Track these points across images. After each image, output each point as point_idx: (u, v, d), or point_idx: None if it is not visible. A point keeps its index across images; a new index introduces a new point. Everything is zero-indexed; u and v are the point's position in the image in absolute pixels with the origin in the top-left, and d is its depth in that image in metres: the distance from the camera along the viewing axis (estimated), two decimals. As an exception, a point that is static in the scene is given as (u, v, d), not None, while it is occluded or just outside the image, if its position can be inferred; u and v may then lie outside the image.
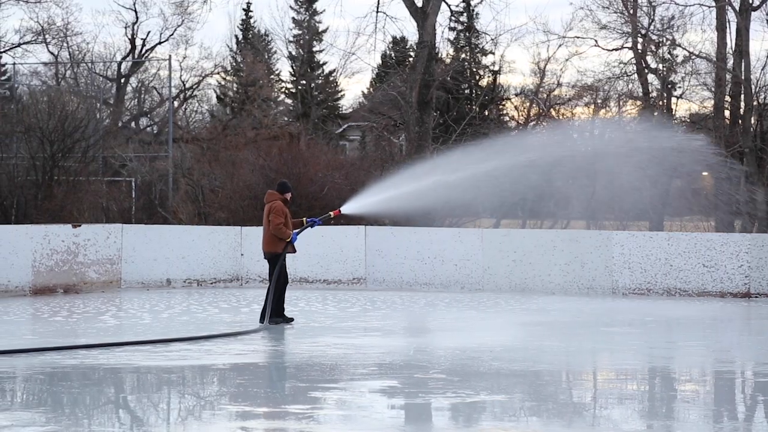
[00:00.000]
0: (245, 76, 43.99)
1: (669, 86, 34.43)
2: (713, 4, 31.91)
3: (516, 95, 41.97)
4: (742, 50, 31.01)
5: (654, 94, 34.30)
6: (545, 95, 37.37)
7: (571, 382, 12.42)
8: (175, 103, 41.07)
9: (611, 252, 21.88)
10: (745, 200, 30.63)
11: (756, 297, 21.22)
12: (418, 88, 33.25)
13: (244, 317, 17.49)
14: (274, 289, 16.44)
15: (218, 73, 46.10)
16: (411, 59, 38.61)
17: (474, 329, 16.46)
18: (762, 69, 32.31)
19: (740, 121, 31.36)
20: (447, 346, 14.47)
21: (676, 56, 35.57)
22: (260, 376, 12.76)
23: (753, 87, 31.48)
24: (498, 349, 14.23)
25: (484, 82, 48.02)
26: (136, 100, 43.74)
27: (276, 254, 16.43)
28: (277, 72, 51.48)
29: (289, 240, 16.43)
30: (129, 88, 43.13)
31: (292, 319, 16.66)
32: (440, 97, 40.39)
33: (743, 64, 31.16)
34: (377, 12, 34.92)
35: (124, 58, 43.07)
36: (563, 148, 21.11)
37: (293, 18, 51.10)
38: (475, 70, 48.76)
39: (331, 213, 17.66)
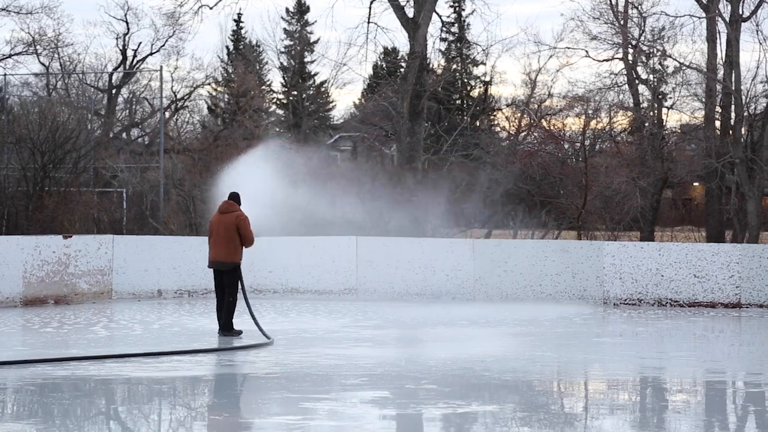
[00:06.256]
0: (236, 86, 43.99)
1: (659, 97, 34.46)
2: (703, 15, 31.99)
3: (507, 106, 42.01)
4: (732, 61, 31.08)
5: (645, 104, 34.35)
6: (536, 106, 37.40)
7: (563, 393, 12.44)
8: (167, 114, 41.06)
9: (602, 262, 21.89)
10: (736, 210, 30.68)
11: (747, 307, 21.25)
12: (409, 98, 33.27)
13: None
14: (234, 300, 16.41)
15: (209, 84, 46.13)
16: (402, 70, 38.62)
17: (465, 340, 16.46)
18: (752, 80, 32.39)
19: (731, 132, 31.40)
20: (438, 357, 14.47)
21: (667, 67, 35.64)
22: (251, 386, 12.75)
23: (743, 97, 31.53)
24: (489, 359, 14.23)
25: (475, 93, 48.12)
26: (128, 110, 43.71)
27: (237, 264, 16.35)
28: (268, 83, 51.54)
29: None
30: (120, 99, 43.11)
31: (241, 332, 16.49)
32: (431, 108, 40.44)
33: (733, 74, 31.22)
34: (369, 23, 34.94)
35: (115, 69, 43.06)
36: None
37: (284, 29, 51.18)
38: (466, 80, 48.86)
39: None
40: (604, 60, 34.23)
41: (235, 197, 16.52)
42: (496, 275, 22.35)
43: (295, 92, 49.68)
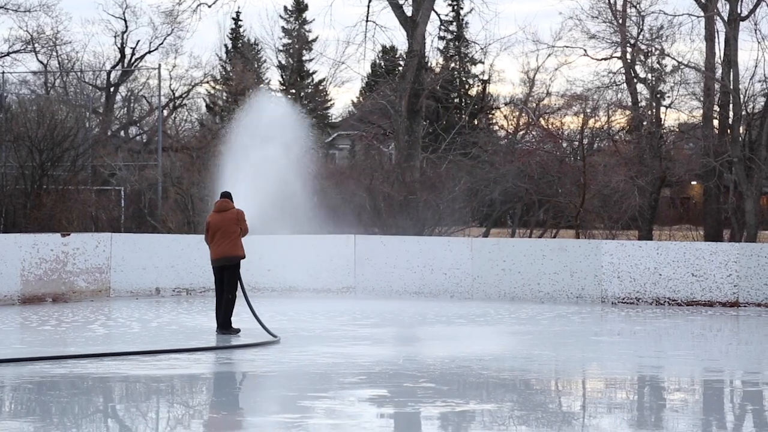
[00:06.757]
0: (235, 84, 43.95)
1: (658, 96, 34.44)
2: (702, 14, 31.98)
3: (505, 104, 41.99)
4: (730, 60, 31.07)
5: (643, 103, 34.33)
6: (534, 104, 37.39)
7: (561, 391, 12.44)
8: (165, 112, 41.02)
9: (600, 261, 21.89)
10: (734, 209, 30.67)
11: (744, 306, 21.25)
12: (407, 97, 33.27)
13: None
14: (233, 297, 16.43)
15: (208, 82, 46.09)
16: (400, 68, 38.63)
17: (463, 338, 16.47)
18: (750, 79, 32.35)
19: (729, 131, 31.39)
20: (436, 355, 14.48)
21: (665, 66, 35.62)
22: (249, 385, 12.75)
23: (741, 97, 31.51)
24: (487, 358, 14.23)
25: (473, 92, 48.13)
26: (126, 109, 43.65)
27: (242, 257, 16.43)
28: (266, 81, 51.50)
29: None
30: (118, 97, 43.04)
31: (239, 330, 16.51)
32: (430, 106, 40.40)
33: (732, 73, 31.20)
34: (367, 21, 34.94)
35: (113, 67, 43.01)
36: None
37: (283, 27, 51.19)
38: (464, 79, 48.86)
39: None
40: (602, 59, 34.22)
41: (228, 195, 16.68)
42: (494, 274, 22.35)
43: (294, 90, 49.67)
